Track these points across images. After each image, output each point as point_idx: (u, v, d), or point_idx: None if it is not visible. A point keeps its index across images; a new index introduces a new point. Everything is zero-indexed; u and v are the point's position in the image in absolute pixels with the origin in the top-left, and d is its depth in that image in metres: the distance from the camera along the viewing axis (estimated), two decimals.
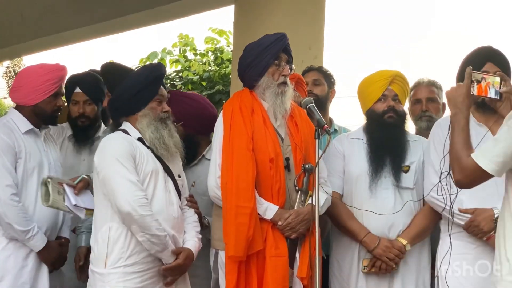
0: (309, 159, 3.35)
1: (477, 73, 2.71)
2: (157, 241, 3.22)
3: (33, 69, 3.77)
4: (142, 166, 3.30)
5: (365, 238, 3.52)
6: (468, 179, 2.55)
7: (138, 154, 3.30)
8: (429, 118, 4.16)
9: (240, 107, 3.37)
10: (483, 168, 2.47)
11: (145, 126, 3.38)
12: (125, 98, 3.43)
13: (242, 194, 3.20)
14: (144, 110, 3.40)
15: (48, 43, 8.67)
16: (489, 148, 2.50)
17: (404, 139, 3.68)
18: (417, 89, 4.26)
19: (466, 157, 2.52)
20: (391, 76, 3.68)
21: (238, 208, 3.18)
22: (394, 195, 3.56)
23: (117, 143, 3.31)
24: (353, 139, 3.75)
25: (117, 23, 7.72)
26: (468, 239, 3.31)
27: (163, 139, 3.37)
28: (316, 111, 3.26)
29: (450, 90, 2.73)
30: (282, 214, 3.28)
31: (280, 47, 3.41)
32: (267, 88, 3.38)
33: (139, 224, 3.19)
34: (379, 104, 3.67)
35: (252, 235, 3.17)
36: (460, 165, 2.54)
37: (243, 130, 3.30)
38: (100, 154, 3.35)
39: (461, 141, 2.58)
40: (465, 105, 2.65)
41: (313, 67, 4.39)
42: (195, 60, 10.17)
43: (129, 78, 3.52)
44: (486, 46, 3.46)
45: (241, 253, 3.16)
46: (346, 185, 3.66)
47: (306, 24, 5.29)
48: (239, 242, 3.16)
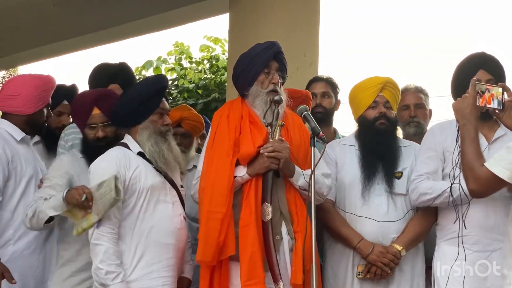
0: (298, 165, 3.34)
1: (481, 84, 2.78)
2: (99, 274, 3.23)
3: (29, 78, 3.79)
4: (139, 183, 3.33)
5: (359, 244, 3.51)
6: (483, 188, 2.61)
7: (132, 172, 3.32)
8: (417, 124, 4.20)
9: (228, 114, 3.39)
10: (499, 175, 2.52)
11: (145, 139, 3.41)
12: (126, 110, 3.45)
13: (215, 199, 3.20)
14: (145, 122, 3.43)
15: (44, 53, 8.69)
16: (503, 156, 2.55)
17: (396, 145, 3.69)
18: (404, 95, 4.27)
19: (479, 166, 2.58)
20: (382, 83, 3.69)
21: (210, 213, 3.19)
22: (387, 201, 3.56)
23: (106, 163, 3.33)
24: (345, 145, 3.76)
25: (112, 32, 7.74)
26: (464, 245, 3.29)
27: (163, 153, 3.40)
28: (311, 118, 3.27)
29: (457, 101, 2.80)
30: (255, 162, 3.26)
31: (269, 55, 3.41)
32: (257, 97, 3.39)
33: (91, 250, 3.27)
34: (370, 110, 3.68)
35: (223, 240, 3.16)
36: (474, 175, 2.59)
37: (226, 137, 3.31)
38: (91, 168, 3.38)
39: (473, 151, 2.64)
40: (473, 115, 2.71)
41: (321, 78, 4.38)
42: (190, 68, 10.20)
43: (131, 90, 3.55)
44: (478, 52, 3.46)
45: (209, 258, 3.17)
46: (339, 192, 3.66)
47: (301, 31, 5.32)
48: (208, 247, 3.16)
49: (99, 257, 3.21)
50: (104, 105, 3.52)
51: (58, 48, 8.39)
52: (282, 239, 3.29)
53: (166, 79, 3.67)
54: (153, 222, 3.31)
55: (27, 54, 8.69)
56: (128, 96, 3.50)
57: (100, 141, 3.52)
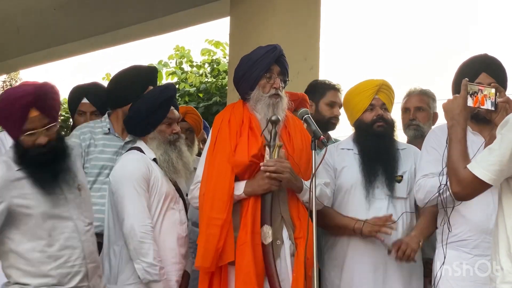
0: (302, 168, 3.33)
1: (473, 85, 2.72)
2: (152, 271, 3.23)
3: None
4: (157, 188, 3.37)
5: (356, 224, 3.49)
6: (466, 190, 2.53)
7: (153, 176, 3.37)
8: (416, 127, 4.20)
9: (229, 119, 3.38)
10: (480, 177, 2.46)
11: (155, 148, 3.45)
12: (136, 121, 3.49)
13: (216, 205, 3.19)
14: (154, 133, 3.46)
15: (45, 57, 8.70)
16: (484, 158, 2.49)
17: (394, 147, 3.68)
18: (407, 98, 4.29)
19: (462, 169, 2.51)
20: (378, 85, 3.69)
21: (210, 219, 3.19)
22: (387, 205, 3.56)
23: (134, 165, 3.37)
24: (343, 149, 3.74)
25: (113, 36, 7.74)
26: (463, 249, 3.30)
27: (172, 162, 3.44)
28: (312, 122, 3.26)
29: (447, 102, 2.73)
30: (254, 180, 3.24)
31: (271, 59, 3.40)
32: (258, 101, 3.38)
33: (137, 249, 3.22)
34: (367, 113, 3.68)
35: (222, 246, 3.16)
36: (457, 177, 2.53)
37: (227, 143, 3.30)
38: (116, 173, 3.40)
39: (458, 153, 2.57)
40: (462, 116, 2.65)
41: (335, 86, 4.29)
42: (191, 72, 10.18)
43: (139, 101, 3.55)
44: (481, 55, 3.42)
45: (208, 263, 3.16)
46: (339, 196, 3.64)
47: (302, 35, 5.31)
48: (207, 253, 3.16)
49: (151, 255, 3.22)
50: (44, 104, 2.89)
51: (59, 52, 8.40)
52: (283, 244, 3.28)
53: (173, 89, 3.64)
54: (164, 228, 3.35)
55: (28, 58, 8.70)
56: (136, 107, 3.53)
57: (42, 148, 2.88)
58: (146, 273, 3.23)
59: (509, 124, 2.46)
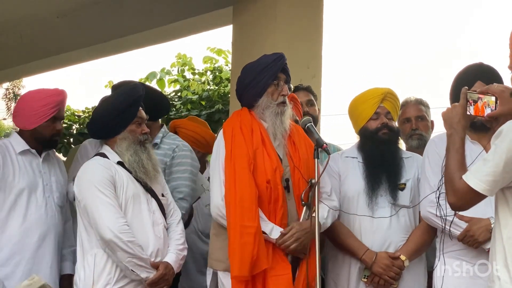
0: (307, 178, 3.33)
1: (473, 93, 2.69)
2: (142, 263, 3.25)
3: (32, 94, 3.82)
4: (123, 190, 3.34)
5: (364, 256, 3.50)
6: (461, 201, 2.51)
7: (117, 179, 3.34)
8: (420, 136, 4.20)
9: (240, 126, 3.37)
10: (474, 188, 2.44)
11: (124, 149, 3.41)
12: (103, 121, 3.45)
13: (246, 213, 3.17)
14: (124, 133, 3.43)
15: (47, 65, 8.71)
16: (479, 168, 2.47)
17: (398, 155, 3.68)
18: (405, 108, 4.28)
19: (458, 179, 2.50)
20: (383, 94, 3.69)
21: (243, 228, 3.16)
22: (390, 213, 3.55)
23: (95, 170, 3.34)
24: (347, 157, 3.75)
25: (116, 44, 7.75)
26: (464, 258, 3.30)
27: (142, 163, 3.41)
28: (314, 130, 3.28)
29: (446, 110, 2.71)
30: None
31: (278, 67, 3.41)
32: (267, 108, 3.39)
33: (125, 250, 3.21)
34: (372, 122, 3.68)
35: (257, 254, 3.15)
36: (453, 187, 2.51)
37: (244, 149, 3.29)
38: (79, 182, 3.37)
39: (455, 163, 2.55)
40: (461, 125, 2.63)
41: (302, 86, 4.32)
42: (193, 79, 10.19)
43: (107, 101, 3.55)
44: (476, 63, 3.44)
45: (246, 272, 3.13)
46: (343, 204, 3.64)
47: (304, 43, 5.32)
48: (244, 262, 3.13)
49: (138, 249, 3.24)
50: None
51: (62, 60, 8.40)
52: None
53: (141, 88, 3.58)
54: (134, 230, 3.29)
55: (31, 66, 8.71)
56: (103, 108, 3.50)
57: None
58: (138, 266, 3.24)
59: (503, 135, 2.45)
